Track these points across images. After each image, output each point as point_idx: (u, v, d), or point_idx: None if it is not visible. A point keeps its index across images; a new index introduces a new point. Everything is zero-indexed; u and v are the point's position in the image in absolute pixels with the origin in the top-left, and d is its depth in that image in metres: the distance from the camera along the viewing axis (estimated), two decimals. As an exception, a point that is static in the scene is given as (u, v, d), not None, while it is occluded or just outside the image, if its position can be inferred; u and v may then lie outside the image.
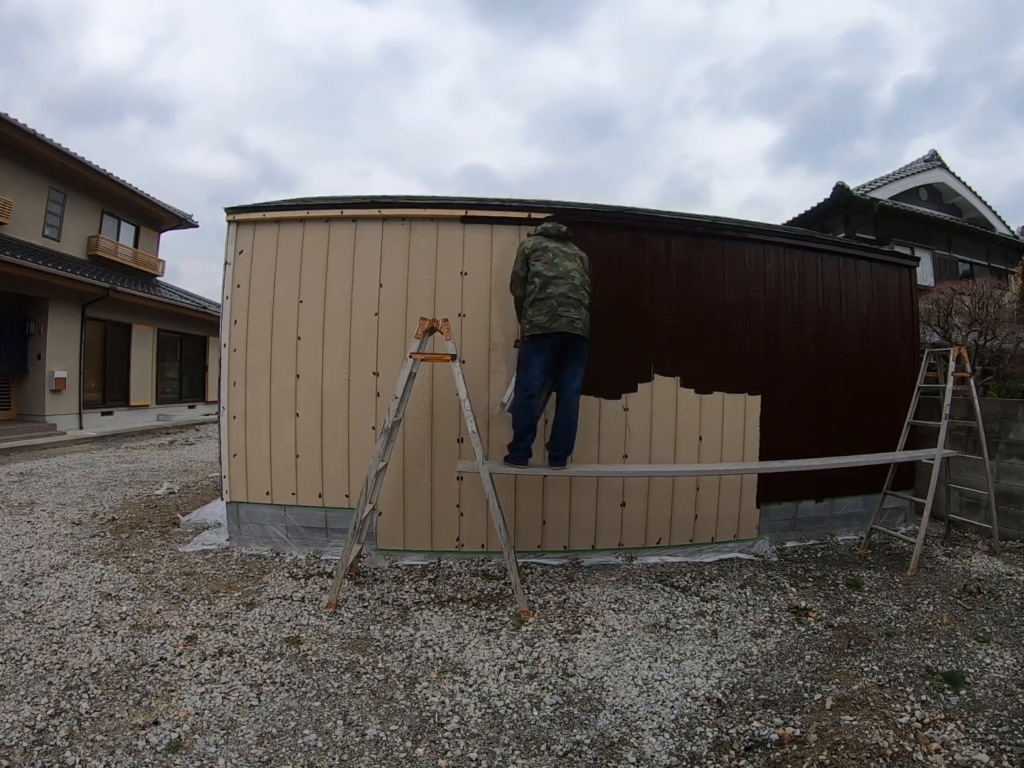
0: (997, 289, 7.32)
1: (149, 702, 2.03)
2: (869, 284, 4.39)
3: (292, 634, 2.59)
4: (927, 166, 12.28)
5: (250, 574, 3.33)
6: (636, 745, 1.88)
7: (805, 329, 4.14)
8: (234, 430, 3.70)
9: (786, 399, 4.03)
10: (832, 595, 3.16)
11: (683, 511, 3.86)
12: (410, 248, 3.65)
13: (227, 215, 3.77)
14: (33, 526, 4.18)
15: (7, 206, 10.12)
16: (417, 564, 3.55)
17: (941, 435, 3.76)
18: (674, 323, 3.84)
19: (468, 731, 1.94)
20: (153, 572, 3.31)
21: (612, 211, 4.00)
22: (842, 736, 1.88)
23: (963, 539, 4.22)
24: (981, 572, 3.50)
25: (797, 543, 4.10)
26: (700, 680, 2.27)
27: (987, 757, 1.77)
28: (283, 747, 1.83)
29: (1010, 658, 2.41)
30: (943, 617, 2.84)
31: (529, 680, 2.26)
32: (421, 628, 2.69)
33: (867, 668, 2.34)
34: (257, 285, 3.69)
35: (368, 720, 1.98)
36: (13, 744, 1.77)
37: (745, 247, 4.02)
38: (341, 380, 3.63)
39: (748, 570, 3.57)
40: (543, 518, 3.70)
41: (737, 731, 1.94)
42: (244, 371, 3.69)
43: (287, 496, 3.68)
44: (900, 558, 3.80)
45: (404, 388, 3.06)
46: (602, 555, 3.74)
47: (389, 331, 3.61)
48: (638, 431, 3.76)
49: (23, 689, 2.06)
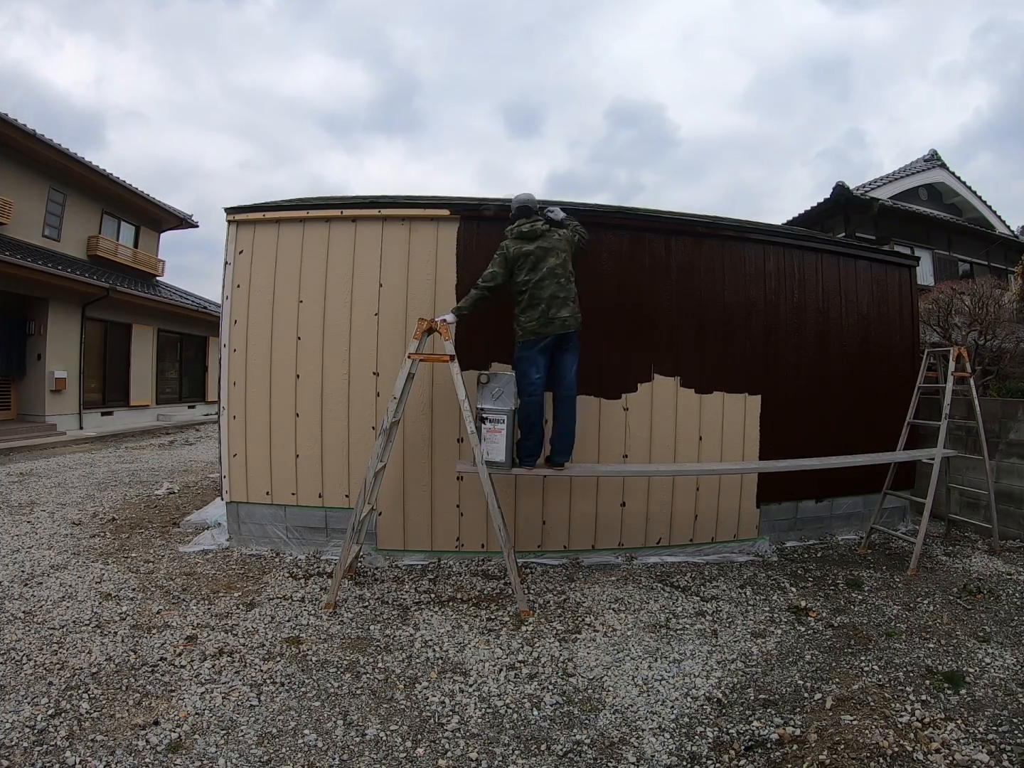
0: (997, 289, 7.32)
1: (149, 702, 2.03)
2: (869, 284, 4.39)
3: (292, 634, 2.59)
4: (927, 166, 12.27)
5: (250, 574, 3.33)
6: (636, 745, 1.88)
7: (805, 329, 4.14)
8: (234, 430, 3.70)
9: (786, 399, 4.03)
10: (832, 595, 3.16)
11: (683, 511, 3.86)
12: (410, 248, 3.65)
13: (227, 215, 3.76)
14: (33, 526, 4.18)
15: (7, 206, 10.12)
16: (417, 564, 3.55)
17: (941, 435, 3.76)
18: (674, 323, 3.84)
19: (468, 731, 1.94)
20: (153, 572, 3.31)
21: (612, 211, 4.00)
22: (842, 736, 1.88)
23: (963, 539, 4.22)
24: (981, 572, 3.50)
25: (797, 543, 4.10)
26: (700, 680, 2.27)
27: (987, 757, 1.77)
28: (283, 747, 1.83)
29: (1010, 658, 2.41)
30: (943, 617, 2.84)
31: (529, 680, 2.26)
32: (421, 628, 2.69)
33: (867, 668, 2.34)
34: (257, 285, 3.69)
35: (368, 720, 1.98)
36: (13, 744, 1.77)
37: (745, 247, 4.02)
38: (341, 380, 3.63)
39: (748, 570, 3.57)
40: (543, 518, 3.70)
41: (737, 731, 1.94)
42: (244, 371, 3.69)
43: (287, 496, 3.68)
44: (900, 558, 3.80)
45: (403, 389, 3.06)
46: (602, 555, 3.74)
47: (389, 331, 3.61)
48: (638, 431, 3.76)
49: (23, 689, 2.06)
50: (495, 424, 3.05)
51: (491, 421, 3.06)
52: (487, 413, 3.06)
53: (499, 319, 3.62)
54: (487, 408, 3.07)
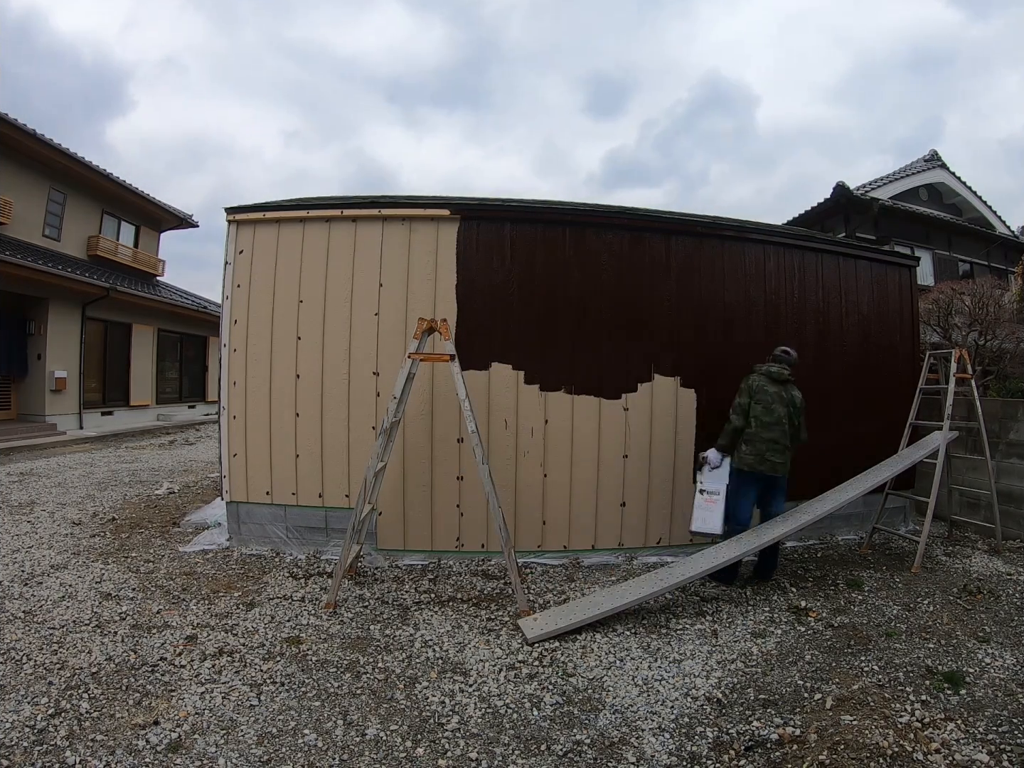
0: (997, 289, 7.32)
1: (149, 702, 2.03)
2: (869, 284, 4.38)
3: (292, 634, 2.59)
4: (927, 166, 12.28)
5: (250, 574, 3.33)
6: (636, 745, 1.88)
7: (805, 329, 4.14)
8: (234, 430, 3.70)
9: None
10: (832, 595, 3.16)
11: (683, 511, 3.85)
12: (410, 248, 3.65)
13: (227, 215, 3.77)
14: (33, 526, 4.18)
15: (7, 206, 10.12)
16: (417, 564, 3.55)
17: (945, 427, 3.76)
18: (674, 323, 3.84)
19: (468, 731, 1.94)
20: (153, 572, 3.32)
21: (613, 211, 4.00)
22: (842, 736, 1.88)
23: (963, 539, 4.22)
24: (981, 572, 3.50)
25: (797, 543, 4.09)
26: (700, 680, 2.27)
27: (987, 757, 1.77)
28: (283, 747, 1.83)
29: (1010, 658, 2.41)
30: (943, 617, 2.84)
31: (529, 680, 2.26)
32: (421, 628, 2.69)
33: (867, 668, 2.34)
34: (257, 285, 3.69)
35: (368, 720, 1.98)
36: (13, 744, 1.77)
37: (745, 247, 4.02)
38: (341, 380, 3.63)
39: (748, 570, 3.57)
40: (543, 518, 3.70)
41: (737, 731, 1.94)
42: (244, 371, 3.69)
43: (287, 496, 3.68)
44: (900, 558, 3.80)
45: (403, 389, 3.06)
46: (602, 555, 3.74)
47: (389, 331, 3.61)
48: (638, 431, 3.76)
49: (23, 689, 2.06)
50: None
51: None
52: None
53: (498, 320, 3.63)
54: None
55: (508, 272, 3.69)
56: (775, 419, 3.28)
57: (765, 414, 3.28)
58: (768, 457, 3.25)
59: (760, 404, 3.29)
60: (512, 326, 3.67)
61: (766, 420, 3.27)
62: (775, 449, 3.26)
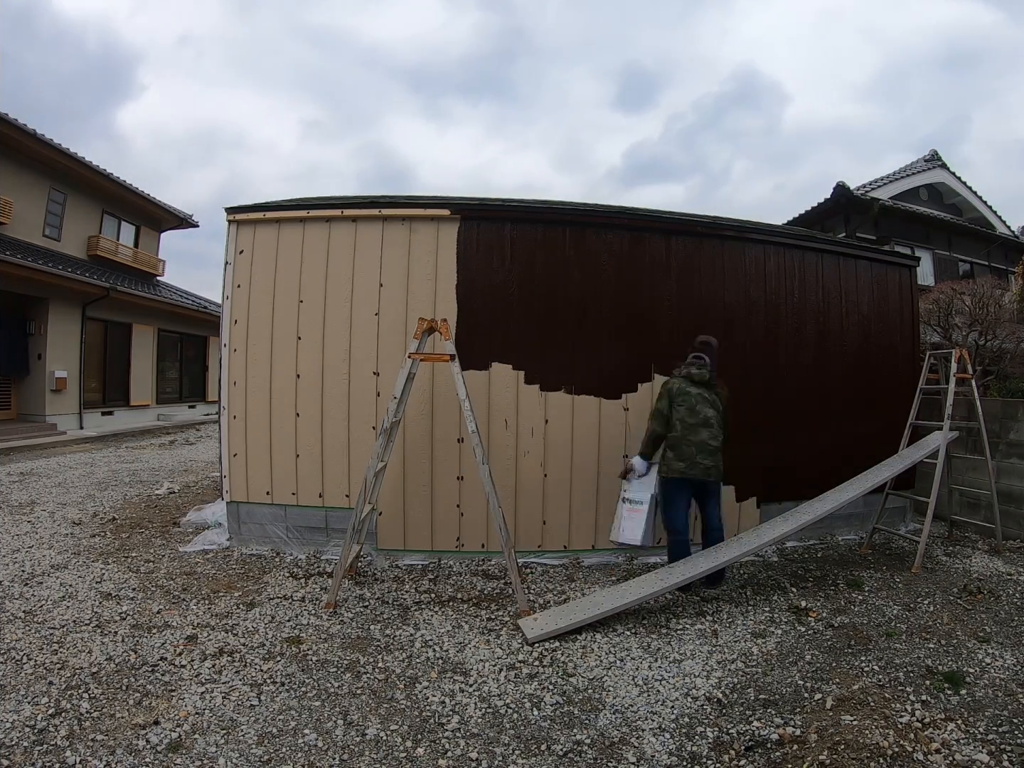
0: (997, 289, 7.32)
1: (149, 702, 2.03)
2: (869, 284, 4.38)
3: (292, 634, 2.59)
4: (927, 166, 12.28)
5: (250, 574, 3.33)
6: (636, 745, 1.88)
7: (805, 329, 4.14)
8: (234, 430, 3.70)
9: (786, 399, 4.03)
10: (832, 595, 3.16)
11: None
12: (411, 248, 3.65)
13: (227, 215, 3.77)
14: (33, 526, 4.18)
15: (7, 206, 10.12)
16: (417, 564, 3.55)
17: (945, 426, 3.76)
18: (674, 323, 3.84)
19: (468, 731, 1.94)
20: (153, 572, 3.32)
21: (612, 211, 4.00)
22: (842, 736, 1.88)
23: (963, 539, 4.22)
24: (981, 572, 3.50)
25: (797, 543, 4.09)
26: (700, 680, 2.27)
27: (987, 757, 1.77)
28: (283, 747, 1.83)
29: (1010, 658, 2.41)
30: (943, 617, 2.84)
31: (529, 680, 2.26)
32: (421, 628, 2.69)
33: (867, 668, 2.34)
34: (257, 285, 3.69)
35: (368, 720, 1.98)
36: (13, 744, 1.77)
37: (745, 247, 4.02)
38: (341, 380, 3.63)
39: (748, 570, 3.57)
40: (543, 518, 3.70)
41: (737, 731, 1.94)
42: (244, 371, 3.69)
43: (287, 496, 3.68)
44: (900, 558, 3.80)
45: (403, 389, 3.06)
46: (602, 555, 3.74)
47: (389, 331, 3.61)
48: (638, 431, 3.75)
49: (23, 689, 2.06)
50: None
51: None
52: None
53: (498, 320, 3.62)
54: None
55: (508, 272, 3.69)
56: (701, 420, 3.16)
57: (690, 415, 3.16)
58: (699, 460, 3.12)
59: (683, 406, 3.18)
60: (512, 326, 3.67)
61: (691, 422, 3.15)
62: (706, 451, 3.13)
